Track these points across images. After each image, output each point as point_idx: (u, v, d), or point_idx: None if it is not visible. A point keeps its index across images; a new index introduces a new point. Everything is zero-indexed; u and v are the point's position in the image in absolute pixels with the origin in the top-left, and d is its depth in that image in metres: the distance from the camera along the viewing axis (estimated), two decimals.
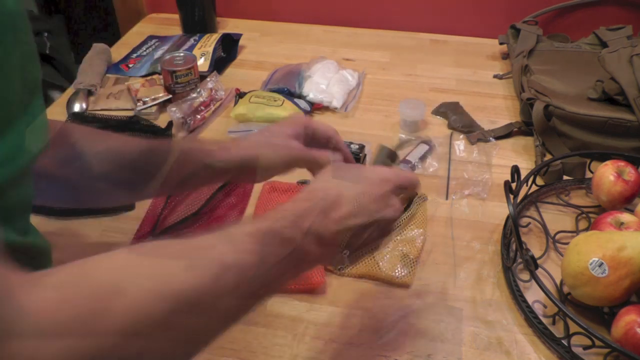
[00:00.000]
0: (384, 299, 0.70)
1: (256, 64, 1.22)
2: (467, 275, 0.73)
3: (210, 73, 1.10)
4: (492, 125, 1.01)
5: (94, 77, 1.10)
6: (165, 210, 0.80)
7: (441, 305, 0.69)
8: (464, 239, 0.79)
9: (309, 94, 1.06)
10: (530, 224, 0.80)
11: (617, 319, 0.61)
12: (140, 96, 1.04)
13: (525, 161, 0.94)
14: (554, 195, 0.86)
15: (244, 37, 1.27)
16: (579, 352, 0.61)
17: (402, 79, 1.18)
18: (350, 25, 1.39)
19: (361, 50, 1.28)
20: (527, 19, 1.22)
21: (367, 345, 0.64)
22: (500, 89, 1.14)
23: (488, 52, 1.28)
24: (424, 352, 0.63)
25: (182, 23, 1.31)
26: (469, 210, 0.84)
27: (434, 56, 1.26)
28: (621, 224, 0.72)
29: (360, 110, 1.07)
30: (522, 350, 0.64)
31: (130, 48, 1.25)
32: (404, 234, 0.77)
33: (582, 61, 1.07)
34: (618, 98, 0.92)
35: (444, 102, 1.07)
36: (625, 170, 0.78)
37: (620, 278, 0.61)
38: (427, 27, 1.36)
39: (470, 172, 0.90)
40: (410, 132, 1.00)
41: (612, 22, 1.13)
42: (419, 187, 0.58)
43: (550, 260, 0.75)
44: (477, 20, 1.34)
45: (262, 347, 0.63)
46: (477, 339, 0.65)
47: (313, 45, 1.30)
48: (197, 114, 1.00)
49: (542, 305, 0.68)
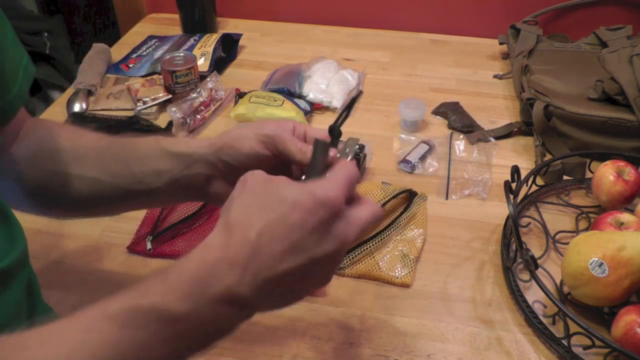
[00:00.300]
0: (384, 299, 0.70)
1: (256, 64, 1.22)
2: (467, 275, 0.73)
3: (210, 73, 1.10)
4: (492, 125, 1.01)
5: (94, 77, 1.10)
6: (165, 210, 0.80)
7: (441, 305, 0.69)
8: (464, 239, 0.79)
9: (309, 94, 1.06)
10: (530, 224, 0.80)
11: (617, 319, 0.61)
12: (140, 96, 1.04)
13: (525, 161, 0.94)
14: (554, 195, 0.86)
15: (244, 37, 1.27)
16: (579, 352, 0.61)
17: (402, 79, 1.18)
18: (350, 25, 1.39)
19: (361, 50, 1.28)
20: (527, 19, 1.22)
21: (367, 345, 0.64)
22: (500, 89, 1.14)
23: (488, 52, 1.28)
24: (424, 352, 0.63)
25: (182, 23, 1.31)
26: (469, 210, 0.84)
27: (434, 56, 1.26)
28: (621, 224, 0.72)
29: (360, 110, 1.07)
30: (522, 350, 0.64)
31: (130, 48, 1.25)
32: (404, 234, 0.77)
33: (582, 61, 1.07)
34: (618, 98, 0.92)
35: (444, 102, 1.07)
36: (625, 170, 0.78)
37: (620, 278, 0.61)
38: (427, 27, 1.36)
39: (470, 172, 0.90)
40: (410, 132, 1.00)
41: (612, 22, 1.13)
42: (359, 181, 0.46)
43: (550, 260, 0.75)
44: (477, 20, 1.34)
45: (262, 347, 0.63)
46: (477, 339, 0.65)
47: (313, 45, 1.30)
48: (197, 114, 1.00)
49: (542, 305, 0.68)
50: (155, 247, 0.75)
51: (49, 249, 0.75)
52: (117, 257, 0.74)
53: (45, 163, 0.54)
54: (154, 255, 0.74)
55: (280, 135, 0.48)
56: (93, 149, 0.55)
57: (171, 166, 0.52)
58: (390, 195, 0.78)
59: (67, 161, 0.54)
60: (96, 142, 0.55)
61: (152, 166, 0.53)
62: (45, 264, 0.73)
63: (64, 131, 0.56)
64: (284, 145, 0.48)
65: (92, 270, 0.73)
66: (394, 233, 0.77)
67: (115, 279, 0.72)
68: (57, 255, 0.75)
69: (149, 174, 0.53)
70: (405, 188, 0.81)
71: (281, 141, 0.48)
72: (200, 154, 0.51)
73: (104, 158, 0.54)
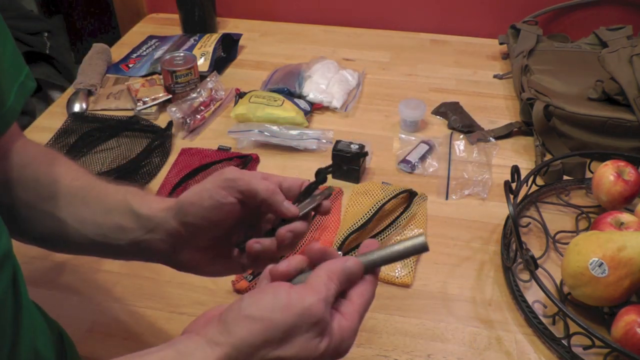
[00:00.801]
0: (384, 299, 0.70)
1: (256, 64, 1.22)
2: (467, 275, 0.73)
3: (210, 73, 1.10)
4: (492, 125, 1.01)
5: (94, 77, 1.10)
6: None
7: (441, 305, 0.69)
8: (464, 239, 0.79)
9: (309, 94, 1.06)
10: (530, 224, 0.80)
11: (617, 319, 0.61)
12: (140, 96, 1.04)
13: (525, 161, 0.94)
14: (554, 195, 0.86)
15: (244, 37, 1.27)
16: (579, 352, 0.61)
17: (402, 79, 1.18)
18: (350, 25, 1.39)
19: (361, 50, 1.28)
20: (527, 19, 1.22)
21: (367, 345, 0.64)
22: (500, 89, 1.14)
23: (488, 52, 1.28)
24: (424, 352, 0.63)
25: (182, 23, 1.31)
26: (469, 210, 0.84)
27: (434, 56, 1.26)
28: (621, 224, 0.72)
29: (360, 110, 1.07)
30: (522, 350, 0.64)
31: (130, 48, 1.25)
32: (404, 234, 0.77)
33: (582, 61, 1.07)
34: (618, 98, 0.92)
35: (444, 102, 1.07)
36: (625, 170, 0.78)
37: (620, 278, 0.61)
38: (427, 27, 1.36)
39: (470, 172, 0.90)
40: (410, 132, 1.00)
41: (612, 22, 1.13)
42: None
43: (550, 260, 0.75)
44: (477, 20, 1.34)
45: None
46: (477, 339, 0.65)
47: (313, 45, 1.30)
48: (197, 114, 1.00)
49: (542, 305, 0.68)
50: None
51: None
52: None
53: (24, 192, 0.51)
54: None
55: (242, 177, 0.46)
56: (67, 188, 0.52)
57: (133, 226, 0.49)
58: (390, 195, 0.78)
59: (42, 196, 0.51)
60: (72, 181, 0.52)
61: (115, 221, 0.49)
62: (45, 264, 0.74)
63: (48, 162, 0.53)
64: (247, 184, 0.45)
65: (92, 270, 0.73)
66: (394, 233, 0.77)
67: (115, 280, 0.72)
68: (56, 256, 0.75)
69: (112, 229, 0.49)
70: (405, 188, 0.81)
71: (244, 182, 0.45)
72: (160, 218, 0.48)
73: (75, 201, 0.51)
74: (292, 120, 0.98)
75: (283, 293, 0.38)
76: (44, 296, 0.60)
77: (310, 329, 0.37)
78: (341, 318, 0.40)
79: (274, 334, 0.36)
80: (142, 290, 0.70)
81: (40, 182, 0.51)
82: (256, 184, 0.46)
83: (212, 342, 0.36)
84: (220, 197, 0.45)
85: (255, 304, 0.37)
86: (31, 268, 0.72)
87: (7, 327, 0.43)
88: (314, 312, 0.37)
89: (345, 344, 0.40)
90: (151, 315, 0.67)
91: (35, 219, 0.51)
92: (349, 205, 0.82)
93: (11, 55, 0.49)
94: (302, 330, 0.37)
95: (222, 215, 0.46)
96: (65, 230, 0.50)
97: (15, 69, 0.50)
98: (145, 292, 0.70)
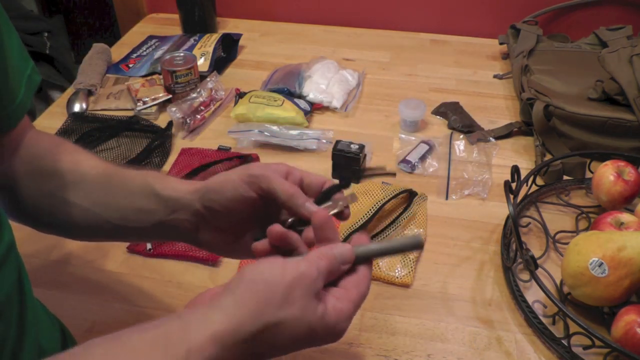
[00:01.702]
0: (384, 299, 0.70)
1: (256, 64, 1.22)
2: (467, 275, 0.73)
3: (210, 73, 1.10)
4: (492, 125, 1.01)
5: (94, 77, 1.11)
6: None
7: (441, 305, 0.69)
8: (464, 239, 0.79)
9: (309, 94, 1.06)
10: (530, 224, 0.80)
11: (617, 319, 0.61)
12: (140, 96, 1.04)
13: (525, 161, 0.94)
14: (554, 195, 0.86)
15: (244, 37, 1.27)
16: (579, 352, 0.61)
17: (402, 79, 1.18)
18: (350, 25, 1.39)
19: (361, 50, 1.28)
20: (527, 19, 1.22)
21: (367, 345, 0.64)
22: (500, 89, 1.14)
23: (488, 52, 1.28)
24: (424, 352, 0.63)
25: (182, 23, 1.31)
26: (469, 210, 0.84)
27: (434, 56, 1.26)
28: (621, 224, 0.72)
29: (360, 110, 1.07)
30: (522, 350, 0.64)
31: (130, 48, 1.25)
32: (404, 234, 0.77)
33: (582, 61, 1.07)
34: (618, 98, 0.92)
35: (444, 102, 1.07)
36: (625, 170, 0.78)
37: (620, 278, 0.61)
38: (427, 27, 1.36)
39: (470, 172, 0.90)
40: (410, 132, 1.00)
41: (612, 22, 1.13)
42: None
43: (550, 260, 0.75)
44: (477, 20, 1.35)
45: None
46: (477, 339, 0.65)
47: (313, 45, 1.30)
48: (197, 114, 1.00)
49: (542, 305, 0.68)
50: (155, 247, 0.75)
51: (50, 248, 0.75)
52: (118, 257, 0.74)
53: (43, 182, 0.53)
54: (154, 255, 0.74)
55: (265, 174, 0.47)
56: (89, 176, 0.53)
57: (157, 208, 0.50)
58: (390, 195, 0.78)
59: (64, 185, 0.52)
60: (91, 169, 0.54)
61: (138, 205, 0.51)
62: (46, 264, 0.74)
63: (65, 151, 0.55)
64: (268, 184, 0.47)
65: (93, 270, 0.73)
66: (394, 233, 0.77)
67: (115, 279, 0.72)
68: (57, 255, 0.75)
69: (135, 212, 0.51)
70: (405, 188, 0.81)
71: (266, 180, 0.47)
72: (186, 200, 0.50)
73: (95, 188, 0.53)
74: (292, 120, 0.98)
75: (279, 261, 0.40)
76: (45, 296, 0.60)
77: (308, 290, 0.39)
78: (336, 301, 0.41)
79: (274, 293, 0.38)
80: (142, 290, 0.70)
81: (61, 171, 0.53)
82: (276, 185, 0.47)
83: (217, 308, 0.38)
84: (243, 191, 0.47)
85: (255, 268, 0.40)
86: (31, 267, 0.72)
87: (13, 321, 0.43)
88: (308, 275, 0.39)
89: (340, 325, 0.40)
90: (151, 315, 0.67)
91: (56, 207, 0.53)
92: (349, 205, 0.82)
93: (18, 49, 0.50)
94: (300, 290, 0.38)
95: (243, 207, 0.48)
96: (91, 217, 0.52)
97: (23, 63, 0.51)
98: (145, 292, 0.70)
